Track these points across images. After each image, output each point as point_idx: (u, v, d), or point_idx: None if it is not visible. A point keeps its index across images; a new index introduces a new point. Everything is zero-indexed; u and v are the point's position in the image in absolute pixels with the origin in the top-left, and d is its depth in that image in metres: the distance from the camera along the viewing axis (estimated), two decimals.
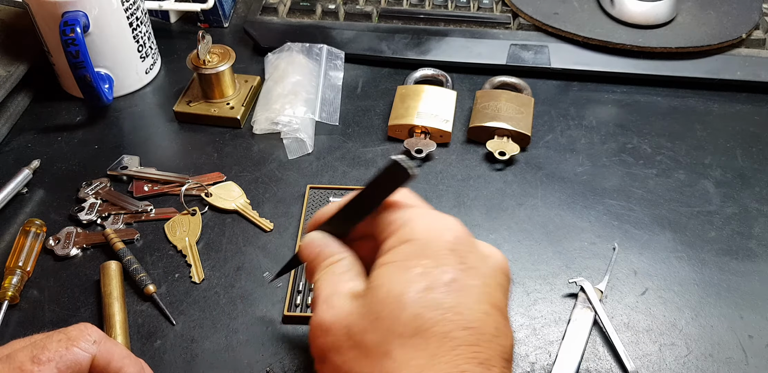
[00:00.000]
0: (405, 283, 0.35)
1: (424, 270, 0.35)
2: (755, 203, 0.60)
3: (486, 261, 0.37)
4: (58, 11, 0.61)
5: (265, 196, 0.60)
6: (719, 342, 0.50)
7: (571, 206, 0.60)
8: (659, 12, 0.70)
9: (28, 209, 0.60)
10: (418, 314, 0.34)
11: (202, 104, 0.67)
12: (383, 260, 0.37)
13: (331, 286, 0.38)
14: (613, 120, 0.68)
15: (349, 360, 0.34)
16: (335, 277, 0.38)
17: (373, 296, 0.35)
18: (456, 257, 0.36)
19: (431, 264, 0.35)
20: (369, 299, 0.35)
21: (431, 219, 0.38)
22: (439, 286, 0.35)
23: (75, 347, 0.38)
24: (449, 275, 0.35)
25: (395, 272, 0.36)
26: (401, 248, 0.37)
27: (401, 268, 0.36)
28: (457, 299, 0.34)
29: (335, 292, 0.37)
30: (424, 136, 0.64)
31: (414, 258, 0.36)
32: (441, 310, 0.34)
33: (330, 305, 0.36)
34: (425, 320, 0.33)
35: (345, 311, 0.36)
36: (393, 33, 0.73)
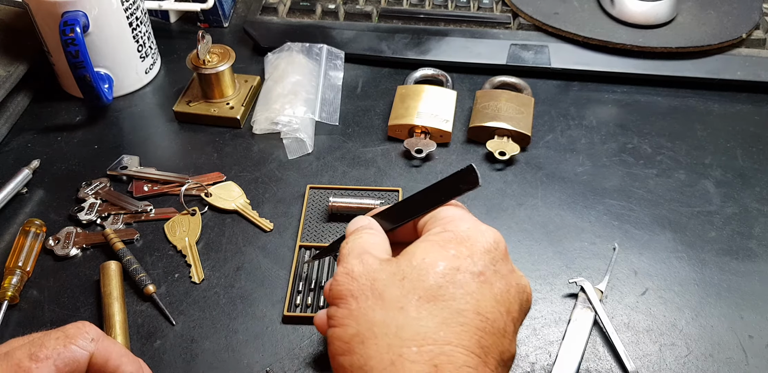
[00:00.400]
0: (440, 257, 0.37)
1: (458, 254, 0.37)
2: (755, 203, 0.60)
3: (515, 276, 0.39)
4: (58, 11, 0.61)
5: (265, 196, 0.60)
6: (719, 342, 0.50)
7: (572, 206, 0.60)
8: (659, 12, 0.70)
9: (28, 209, 0.59)
10: (442, 285, 0.36)
11: (202, 104, 0.67)
12: (423, 239, 0.39)
13: (363, 246, 0.41)
14: (614, 120, 0.68)
15: (365, 306, 0.36)
16: (369, 242, 0.41)
17: (407, 260, 0.38)
18: (489, 257, 0.38)
19: (466, 253, 0.38)
20: (401, 262, 0.38)
21: (477, 223, 0.40)
22: (468, 272, 0.37)
23: (73, 344, 0.38)
24: (479, 267, 0.37)
25: (432, 247, 0.38)
26: (443, 234, 0.39)
27: (439, 246, 0.38)
28: (479, 289, 0.36)
29: (367, 251, 0.40)
30: (424, 136, 0.64)
31: (453, 243, 0.38)
32: (462, 290, 0.36)
33: (362, 260, 0.39)
34: (447, 292, 0.36)
35: (374, 267, 0.38)
36: (393, 33, 0.73)
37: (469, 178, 0.41)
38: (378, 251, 0.40)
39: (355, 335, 0.36)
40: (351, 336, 0.36)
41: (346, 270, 0.39)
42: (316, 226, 0.57)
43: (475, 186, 0.41)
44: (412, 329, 0.35)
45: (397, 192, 0.60)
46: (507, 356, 0.37)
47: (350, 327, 0.36)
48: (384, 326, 0.35)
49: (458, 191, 0.42)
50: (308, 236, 0.57)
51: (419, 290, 0.36)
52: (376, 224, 0.44)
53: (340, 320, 0.37)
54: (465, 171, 0.41)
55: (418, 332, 0.35)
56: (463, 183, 0.41)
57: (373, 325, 0.36)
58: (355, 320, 0.36)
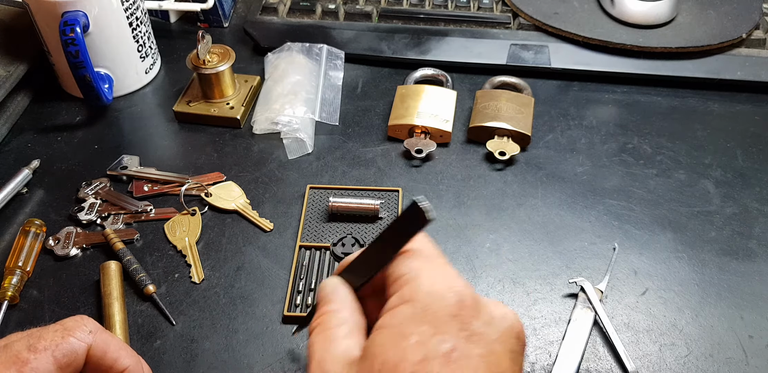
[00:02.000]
0: (401, 353, 0.33)
1: (420, 339, 0.33)
2: (755, 203, 0.60)
3: (494, 325, 0.35)
4: (58, 11, 0.61)
5: (265, 196, 0.60)
6: (719, 342, 0.50)
7: (572, 206, 0.60)
8: (659, 12, 0.70)
9: (28, 209, 0.59)
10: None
11: (202, 104, 0.67)
12: (381, 323, 0.35)
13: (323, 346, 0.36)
14: (614, 120, 0.68)
15: None
16: (329, 332, 0.36)
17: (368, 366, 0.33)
18: (458, 323, 0.34)
19: (429, 332, 0.33)
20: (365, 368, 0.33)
21: (436, 278, 0.35)
22: (436, 357, 0.32)
23: (71, 336, 0.39)
24: (448, 344, 0.33)
25: (391, 340, 0.34)
26: (400, 309, 0.35)
27: (397, 335, 0.34)
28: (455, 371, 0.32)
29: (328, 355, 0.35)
30: (424, 136, 0.64)
31: (412, 324, 0.34)
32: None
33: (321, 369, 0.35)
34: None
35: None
36: (393, 33, 0.73)
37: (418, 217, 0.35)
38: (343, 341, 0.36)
39: None
40: None
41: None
42: (316, 226, 0.57)
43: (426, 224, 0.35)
44: None
45: (397, 192, 0.60)
46: None
47: None
48: None
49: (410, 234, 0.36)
50: (308, 236, 0.57)
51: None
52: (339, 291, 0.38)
53: None
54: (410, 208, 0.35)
55: None
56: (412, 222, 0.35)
57: None
58: None
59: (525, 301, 0.53)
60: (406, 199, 0.60)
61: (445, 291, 0.34)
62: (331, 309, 0.37)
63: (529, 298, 0.53)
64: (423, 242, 0.37)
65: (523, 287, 0.54)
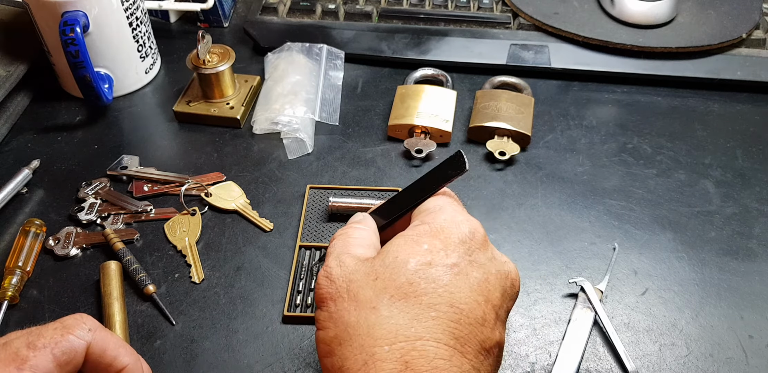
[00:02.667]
0: (411, 253, 0.38)
1: (430, 248, 0.38)
2: (755, 202, 0.60)
3: (494, 263, 0.39)
4: (58, 11, 0.61)
5: (265, 196, 0.60)
6: (719, 342, 0.50)
7: (572, 206, 0.60)
8: (659, 12, 0.70)
9: (28, 209, 0.59)
10: (413, 281, 0.37)
11: (202, 104, 0.67)
12: (401, 234, 0.40)
13: (343, 246, 0.41)
14: (614, 120, 0.68)
15: (342, 309, 0.37)
16: (352, 238, 0.42)
17: (381, 259, 0.38)
18: (465, 248, 0.39)
19: (439, 246, 0.38)
20: (375, 262, 0.39)
21: (456, 213, 0.41)
22: (440, 265, 0.37)
23: (70, 334, 0.39)
24: (452, 259, 0.38)
25: (406, 243, 0.39)
26: (419, 227, 0.40)
27: (412, 241, 0.39)
28: (452, 281, 0.37)
29: (346, 251, 0.40)
30: (424, 136, 0.64)
31: (426, 236, 0.39)
32: (434, 284, 0.37)
33: (340, 262, 0.40)
34: (418, 287, 0.37)
35: (351, 268, 0.39)
36: (393, 33, 0.73)
37: (457, 164, 0.41)
38: (360, 248, 0.41)
39: (334, 337, 0.37)
40: (331, 338, 0.37)
41: (326, 273, 0.39)
42: (316, 226, 0.57)
43: (462, 171, 0.41)
44: (384, 327, 0.35)
45: (397, 192, 0.60)
46: (489, 344, 0.37)
47: (330, 330, 0.37)
48: (357, 327, 0.36)
49: (447, 178, 0.42)
50: (308, 236, 0.57)
51: (391, 288, 0.37)
52: (368, 219, 0.44)
53: (322, 322, 0.38)
54: (453, 157, 0.42)
55: (390, 330, 0.35)
56: (451, 169, 0.42)
57: (348, 326, 0.37)
58: (333, 322, 0.37)
59: (525, 301, 0.53)
60: None
61: (461, 222, 0.40)
62: (357, 226, 0.43)
63: (529, 298, 0.53)
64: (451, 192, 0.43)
65: (523, 286, 0.54)
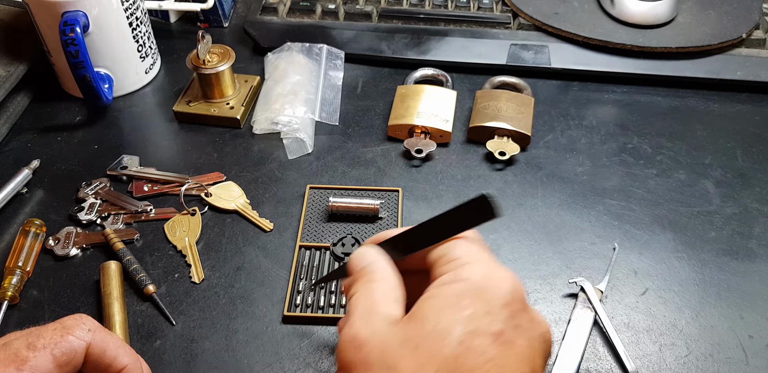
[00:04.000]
0: (453, 321, 0.34)
1: (474, 313, 0.34)
2: (755, 203, 0.60)
3: (535, 325, 0.36)
4: (58, 11, 0.61)
5: (265, 196, 0.60)
6: (719, 342, 0.50)
7: (572, 206, 0.60)
8: (659, 12, 0.70)
9: (28, 209, 0.59)
10: (458, 355, 0.33)
11: (202, 104, 0.67)
12: (434, 293, 0.36)
13: (369, 303, 0.37)
14: (614, 120, 0.68)
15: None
16: (375, 295, 0.37)
17: (418, 325, 0.34)
18: (508, 311, 0.35)
19: (482, 310, 0.34)
20: (412, 327, 0.34)
21: (493, 267, 0.37)
22: (486, 334, 0.34)
23: (70, 334, 0.39)
24: (498, 326, 0.34)
25: (445, 307, 0.35)
26: (456, 285, 0.36)
27: (452, 305, 0.35)
28: (499, 352, 0.33)
29: (374, 311, 0.36)
30: (424, 136, 0.64)
31: (467, 298, 0.35)
32: (483, 358, 0.33)
33: (367, 322, 0.35)
34: (465, 362, 0.33)
35: (383, 333, 0.35)
36: (393, 33, 0.73)
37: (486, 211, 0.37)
38: (387, 305, 0.36)
39: None
40: None
41: (351, 336, 0.35)
42: (316, 226, 0.57)
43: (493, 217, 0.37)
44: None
45: (397, 192, 0.60)
46: None
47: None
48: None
49: (473, 223, 0.38)
50: (308, 236, 0.57)
51: (435, 362, 0.33)
52: (383, 263, 0.39)
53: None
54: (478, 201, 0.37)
55: None
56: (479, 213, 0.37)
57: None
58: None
59: None
60: (407, 199, 0.60)
61: (501, 279, 0.36)
62: (377, 278, 0.38)
63: (529, 298, 0.53)
64: (473, 232, 0.39)
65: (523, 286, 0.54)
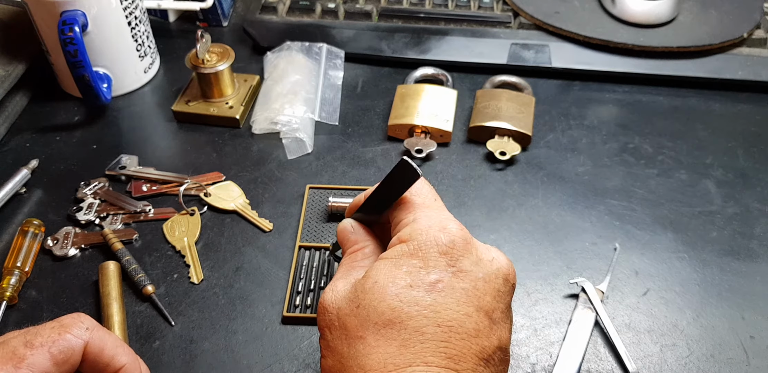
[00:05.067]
0: (391, 278, 0.37)
1: (410, 269, 0.37)
2: (757, 203, 0.60)
3: (482, 265, 0.38)
4: (57, 10, 0.61)
5: (265, 196, 0.60)
6: (721, 343, 0.50)
7: (572, 206, 0.59)
8: (660, 11, 0.70)
9: (27, 209, 0.59)
10: (395, 307, 0.36)
11: (201, 104, 0.67)
12: (381, 256, 0.40)
13: (344, 272, 0.42)
14: (615, 120, 0.67)
15: (335, 338, 0.38)
16: (352, 263, 0.42)
17: (362, 285, 0.38)
18: (447, 259, 0.38)
19: (419, 264, 0.38)
20: (358, 287, 0.38)
21: (431, 222, 0.39)
22: (422, 285, 0.37)
23: (68, 333, 0.39)
24: (434, 276, 0.37)
25: (385, 267, 0.38)
26: (398, 246, 0.39)
27: (392, 264, 0.38)
28: (436, 299, 0.36)
29: (343, 277, 0.41)
30: (424, 135, 0.64)
31: (405, 257, 0.38)
32: (418, 306, 0.36)
33: (333, 288, 0.40)
34: (400, 313, 0.36)
35: (340, 296, 0.39)
36: (393, 32, 0.73)
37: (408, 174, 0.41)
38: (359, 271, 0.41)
39: (332, 366, 0.37)
40: (329, 368, 0.37)
41: (321, 300, 0.40)
42: (315, 226, 0.57)
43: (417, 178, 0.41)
44: (373, 357, 0.35)
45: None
46: (488, 352, 0.36)
47: (329, 359, 0.38)
48: (349, 358, 0.36)
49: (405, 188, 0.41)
50: (308, 236, 0.56)
51: (373, 315, 0.36)
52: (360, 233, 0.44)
53: (322, 351, 0.39)
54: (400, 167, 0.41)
55: (378, 360, 0.35)
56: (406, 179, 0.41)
57: (341, 357, 0.37)
58: (330, 351, 0.38)
59: (526, 301, 0.53)
60: None
61: (437, 232, 0.39)
62: (358, 247, 0.43)
63: (529, 298, 0.53)
64: (420, 188, 0.42)
65: (524, 287, 0.53)
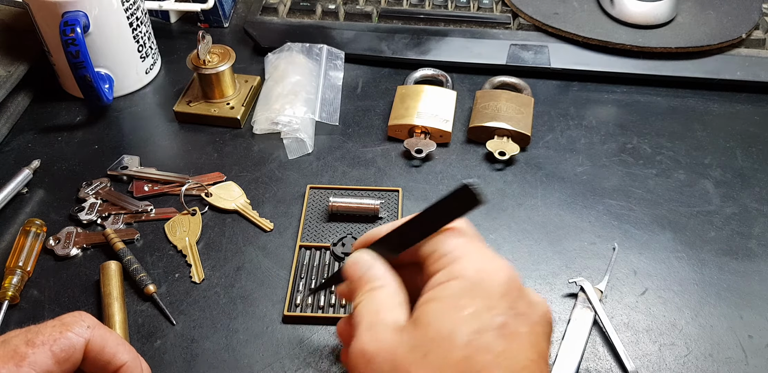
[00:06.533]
0: (456, 323, 0.34)
1: (475, 311, 0.34)
2: (755, 202, 0.60)
3: (534, 308, 0.36)
4: (59, 11, 0.61)
5: (265, 196, 0.60)
6: (719, 342, 0.50)
7: (571, 206, 0.60)
8: (659, 12, 0.70)
9: (29, 209, 0.60)
10: (468, 356, 0.33)
11: (202, 104, 0.67)
12: (432, 295, 0.36)
13: (373, 313, 0.37)
14: (613, 120, 0.68)
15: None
16: (378, 304, 0.37)
17: (423, 333, 0.34)
18: (507, 301, 0.35)
19: (482, 306, 0.35)
20: (418, 334, 0.34)
21: (484, 258, 0.37)
22: (490, 329, 0.34)
23: (69, 331, 0.39)
24: (500, 318, 0.34)
25: (445, 310, 0.35)
26: (451, 284, 0.36)
27: (451, 306, 0.35)
28: (506, 345, 0.34)
29: (378, 321, 0.36)
30: (424, 136, 0.64)
31: (465, 297, 0.35)
32: (491, 354, 0.33)
33: (374, 335, 0.35)
34: (474, 362, 0.33)
35: (390, 344, 0.35)
36: (393, 33, 0.73)
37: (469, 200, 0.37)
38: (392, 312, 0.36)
39: None
40: None
41: (359, 350, 0.35)
42: (316, 226, 0.57)
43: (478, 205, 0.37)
44: None
45: (397, 192, 0.60)
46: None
47: None
48: None
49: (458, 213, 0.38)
50: (308, 236, 0.57)
51: (446, 367, 0.33)
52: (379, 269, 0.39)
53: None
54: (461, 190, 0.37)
55: None
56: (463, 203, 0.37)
57: None
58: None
59: None
60: (407, 199, 0.60)
61: (495, 270, 0.36)
62: (377, 285, 0.38)
63: None
64: (463, 222, 0.39)
65: None
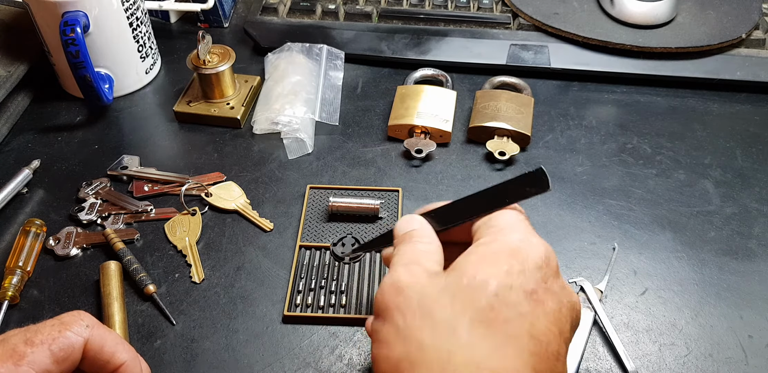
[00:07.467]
0: (489, 275, 0.35)
1: (510, 269, 0.35)
2: (755, 202, 0.60)
3: (565, 293, 0.37)
4: (59, 11, 0.61)
5: (265, 196, 0.60)
6: (719, 342, 0.50)
7: (571, 206, 0.60)
8: (659, 12, 0.70)
9: (28, 209, 0.60)
10: (495, 306, 0.34)
11: (202, 104, 0.67)
12: (473, 250, 0.37)
13: (413, 256, 0.39)
14: (613, 120, 0.68)
15: (412, 326, 0.35)
16: (419, 251, 0.39)
17: (456, 279, 0.36)
18: (541, 274, 0.36)
19: (518, 268, 0.36)
20: (450, 280, 0.36)
21: (530, 235, 0.38)
22: (521, 290, 0.35)
23: (68, 330, 0.39)
24: (531, 285, 0.35)
25: (481, 262, 0.36)
26: (494, 244, 0.37)
27: (489, 260, 0.36)
28: (532, 308, 0.34)
29: (417, 262, 0.38)
30: (424, 136, 0.64)
31: (503, 257, 0.36)
32: (515, 311, 0.34)
33: (410, 270, 0.37)
34: (500, 314, 0.34)
35: (423, 281, 0.36)
36: (393, 33, 0.73)
37: (538, 182, 0.39)
38: (429, 262, 0.38)
39: (404, 358, 0.34)
40: (399, 359, 0.34)
41: (393, 280, 0.37)
42: (316, 226, 0.57)
43: (545, 190, 0.39)
44: (464, 354, 0.33)
45: (397, 192, 0.60)
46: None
47: (396, 348, 0.35)
48: (435, 350, 0.33)
49: (524, 195, 0.39)
50: (308, 236, 0.57)
51: (471, 311, 0.34)
52: (428, 229, 0.41)
53: (385, 337, 0.35)
54: (534, 174, 0.39)
55: (471, 358, 0.33)
56: (531, 186, 0.39)
57: (423, 347, 0.34)
58: (402, 340, 0.34)
59: None
60: (407, 199, 0.60)
61: (537, 244, 0.37)
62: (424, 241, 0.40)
63: None
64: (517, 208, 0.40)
65: None
